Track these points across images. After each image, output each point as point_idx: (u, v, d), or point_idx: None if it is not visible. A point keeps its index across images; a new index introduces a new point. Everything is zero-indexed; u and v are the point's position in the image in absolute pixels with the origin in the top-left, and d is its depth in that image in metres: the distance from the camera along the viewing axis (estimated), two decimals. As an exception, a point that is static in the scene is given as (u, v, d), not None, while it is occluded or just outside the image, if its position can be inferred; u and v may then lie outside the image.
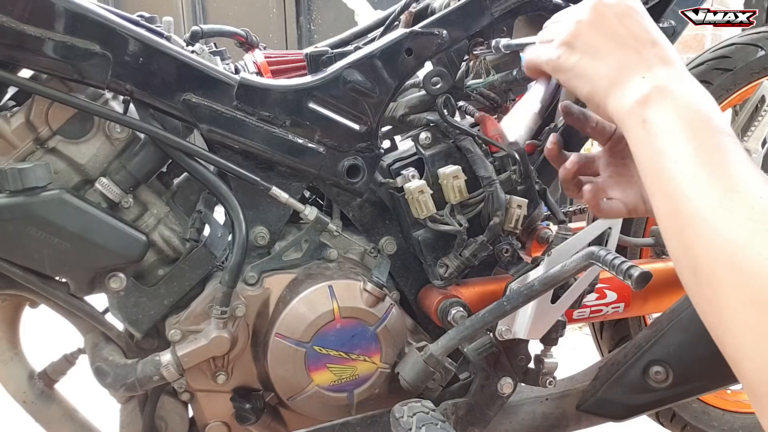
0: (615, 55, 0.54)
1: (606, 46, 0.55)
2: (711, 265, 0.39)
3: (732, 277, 0.38)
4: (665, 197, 0.45)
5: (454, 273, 0.88)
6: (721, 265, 0.39)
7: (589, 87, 0.56)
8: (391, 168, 0.92)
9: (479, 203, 0.89)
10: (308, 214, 0.87)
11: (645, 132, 0.48)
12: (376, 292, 0.85)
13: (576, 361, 1.19)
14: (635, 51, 0.53)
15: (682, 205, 0.43)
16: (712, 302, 0.40)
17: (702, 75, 1.17)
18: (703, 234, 0.41)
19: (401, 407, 0.77)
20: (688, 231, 0.42)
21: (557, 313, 0.85)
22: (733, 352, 0.39)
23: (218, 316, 0.81)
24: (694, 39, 2.71)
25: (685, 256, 0.42)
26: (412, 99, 0.94)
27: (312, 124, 0.84)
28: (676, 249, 0.43)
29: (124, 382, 0.82)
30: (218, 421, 0.91)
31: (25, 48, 0.73)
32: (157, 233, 0.86)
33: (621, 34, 0.55)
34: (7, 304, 0.91)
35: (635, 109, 0.50)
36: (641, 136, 0.48)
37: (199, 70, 0.80)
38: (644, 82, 0.51)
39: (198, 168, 0.83)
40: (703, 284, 0.40)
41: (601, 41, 0.55)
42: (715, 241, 0.39)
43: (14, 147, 0.78)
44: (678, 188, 0.43)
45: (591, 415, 1.00)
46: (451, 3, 0.88)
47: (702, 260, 0.40)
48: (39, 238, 0.75)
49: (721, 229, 0.39)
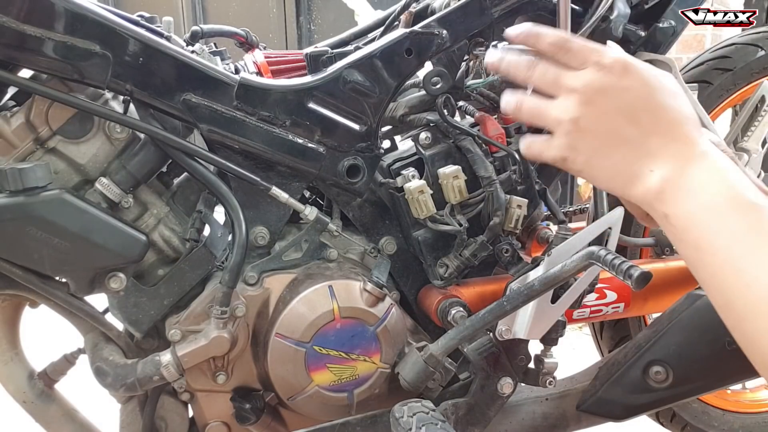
0: (619, 152, 0.50)
1: (608, 144, 0.51)
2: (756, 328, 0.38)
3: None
4: (715, 292, 0.42)
5: (454, 273, 0.88)
6: None
7: (605, 185, 0.54)
8: (391, 168, 0.92)
9: (479, 203, 0.89)
10: (308, 214, 0.87)
11: (672, 227, 0.46)
12: (376, 292, 0.85)
13: (576, 361, 1.18)
14: (638, 144, 0.49)
15: (735, 298, 0.40)
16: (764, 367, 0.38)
17: (702, 75, 1.17)
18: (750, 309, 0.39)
19: (401, 407, 0.77)
20: (749, 325, 0.40)
21: (557, 313, 0.85)
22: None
23: (218, 316, 0.81)
24: (694, 39, 2.71)
25: (754, 351, 0.40)
26: (412, 99, 0.94)
27: (312, 124, 0.84)
28: (741, 341, 0.41)
29: (124, 382, 0.82)
30: (218, 421, 0.91)
31: (25, 48, 0.73)
32: (157, 233, 0.86)
33: (619, 127, 0.50)
34: (7, 304, 0.91)
35: (655, 206, 0.48)
36: (670, 231, 0.46)
37: (199, 70, 0.80)
38: (654, 176, 0.48)
39: (198, 168, 0.83)
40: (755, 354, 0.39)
41: (602, 140, 0.51)
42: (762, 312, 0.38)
43: (14, 147, 0.78)
44: (724, 280, 0.41)
45: (591, 415, 1.00)
46: (451, 3, 0.88)
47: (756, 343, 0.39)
48: (39, 238, 0.75)
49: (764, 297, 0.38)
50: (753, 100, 1.10)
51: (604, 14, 0.82)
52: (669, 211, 0.46)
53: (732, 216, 0.42)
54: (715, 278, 0.42)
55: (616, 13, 0.83)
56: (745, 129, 1.11)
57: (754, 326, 0.39)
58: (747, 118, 1.11)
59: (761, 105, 1.10)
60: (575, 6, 0.90)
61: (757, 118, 1.10)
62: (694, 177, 0.45)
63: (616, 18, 0.83)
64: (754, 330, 0.38)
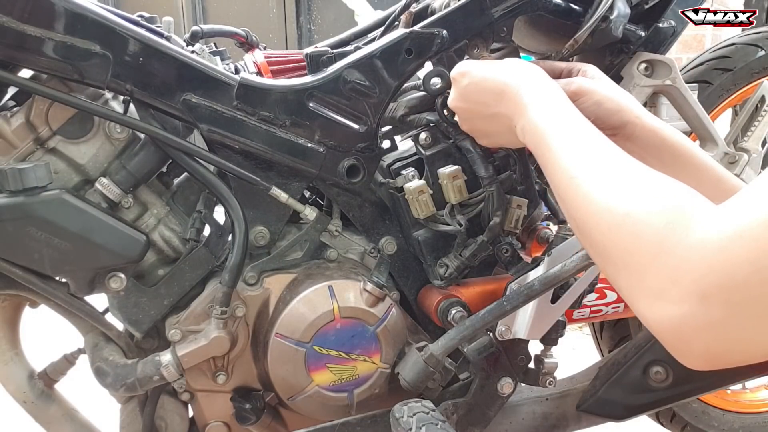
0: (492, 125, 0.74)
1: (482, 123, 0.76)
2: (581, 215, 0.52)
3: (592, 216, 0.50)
4: (557, 194, 0.58)
5: (454, 273, 0.88)
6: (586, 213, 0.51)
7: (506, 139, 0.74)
8: (391, 168, 0.92)
9: (479, 203, 0.89)
10: (308, 214, 0.87)
11: (525, 135, 0.64)
12: (376, 292, 0.85)
13: (576, 361, 1.19)
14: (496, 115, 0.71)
15: (563, 184, 0.56)
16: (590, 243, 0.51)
17: (702, 75, 1.17)
18: (572, 196, 0.53)
19: (401, 407, 0.77)
20: (565, 198, 0.55)
21: (557, 313, 0.85)
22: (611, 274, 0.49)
23: (218, 316, 0.81)
24: (694, 39, 2.71)
25: (569, 217, 0.55)
26: (412, 99, 0.94)
27: (312, 124, 0.84)
28: (566, 214, 0.56)
29: (124, 382, 0.82)
30: (218, 421, 0.91)
31: (25, 48, 0.73)
32: (157, 233, 0.86)
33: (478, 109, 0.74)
34: (7, 304, 0.91)
35: (515, 121, 0.67)
36: (527, 141, 0.65)
37: (199, 70, 0.80)
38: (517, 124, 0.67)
39: (198, 168, 0.83)
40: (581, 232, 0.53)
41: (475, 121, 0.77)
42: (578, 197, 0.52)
43: (14, 147, 0.78)
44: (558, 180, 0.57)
45: (591, 415, 1.00)
46: (451, 3, 0.88)
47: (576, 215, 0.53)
48: (39, 238, 0.75)
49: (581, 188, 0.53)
50: (753, 100, 1.10)
51: (604, 14, 0.82)
52: (527, 141, 0.64)
53: (558, 140, 0.58)
54: (554, 187, 0.58)
55: (616, 13, 0.83)
56: (745, 129, 1.11)
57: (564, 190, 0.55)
58: (747, 118, 1.11)
59: (761, 105, 1.10)
60: (575, 6, 0.90)
61: (757, 118, 1.10)
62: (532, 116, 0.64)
63: (616, 18, 0.83)
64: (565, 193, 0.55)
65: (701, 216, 0.43)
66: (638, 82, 0.89)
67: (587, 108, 0.74)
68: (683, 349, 0.44)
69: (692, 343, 0.43)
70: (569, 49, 0.85)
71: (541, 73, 0.68)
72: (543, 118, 0.62)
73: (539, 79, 0.68)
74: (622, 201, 0.48)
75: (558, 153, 0.58)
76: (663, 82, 0.89)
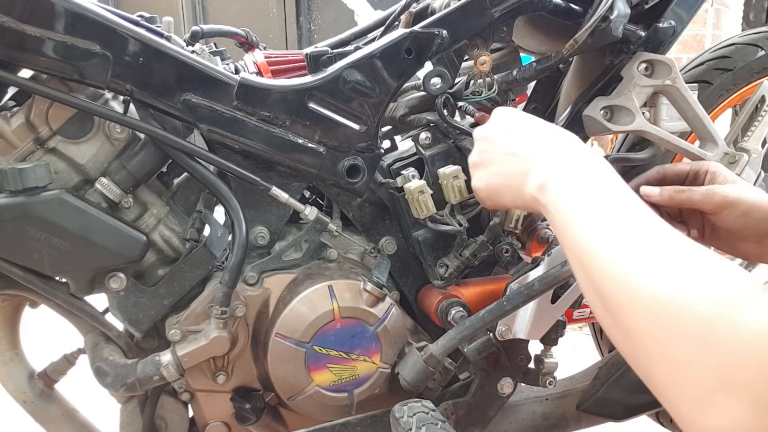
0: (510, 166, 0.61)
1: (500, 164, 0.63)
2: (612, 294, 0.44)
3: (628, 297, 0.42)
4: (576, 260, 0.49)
5: (454, 273, 0.88)
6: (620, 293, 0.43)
7: (509, 200, 0.63)
8: (391, 168, 0.92)
9: (479, 203, 0.89)
10: (308, 214, 0.87)
11: (550, 215, 0.54)
12: (376, 292, 0.85)
13: (576, 361, 1.19)
14: (524, 156, 0.59)
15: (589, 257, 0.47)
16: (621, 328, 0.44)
17: (702, 75, 1.17)
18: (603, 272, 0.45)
19: (401, 407, 0.77)
20: (593, 274, 0.46)
21: (557, 313, 0.85)
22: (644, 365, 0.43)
23: (218, 316, 0.81)
24: (694, 39, 2.71)
25: (595, 296, 0.46)
26: (412, 99, 0.94)
27: (312, 124, 0.84)
28: (588, 294, 0.48)
29: (124, 382, 0.82)
30: (218, 421, 0.91)
31: (25, 48, 0.73)
32: (157, 233, 0.86)
33: (507, 147, 0.62)
34: (7, 304, 0.91)
35: (540, 200, 0.55)
36: (550, 220, 0.54)
37: (199, 70, 0.80)
38: (537, 175, 0.56)
39: (198, 168, 0.83)
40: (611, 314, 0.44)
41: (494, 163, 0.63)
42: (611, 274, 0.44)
43: (14, 147, 0.78)
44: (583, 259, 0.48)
45: (591, 415, 1.00)
46: (451, 3, 0.88)
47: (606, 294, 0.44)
48: (39, 238, 0.75)
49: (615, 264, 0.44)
50: (753, 100, 1.10)
51: (604, 14, 0.82)
52: (547, 200, 0.54)
53: (593, 204, 0.49)
54: (576, 257, 0.49)
55: (616, 13, 0.83)
56: (745, 129, 1.11)
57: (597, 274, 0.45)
58: (747, 118, 1.11)
59: (761, 105, 1.10)
60: (575, 6, 0.90)
61: (757, 118, 1.09)
62: (567, 173, 0.54)
63: (616, 18, 0.83)
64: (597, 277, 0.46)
65: (758, 307, 0.36)
66: (638, 82, 0.89)
67: (734, 220, 0.69)
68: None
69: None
70: (569, 49, 0.85)
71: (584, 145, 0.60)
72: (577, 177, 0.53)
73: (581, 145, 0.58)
74: (667, 283, 0.40)
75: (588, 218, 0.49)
76: (663, 82, 0.89)
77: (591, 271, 0.46)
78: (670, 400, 0.40)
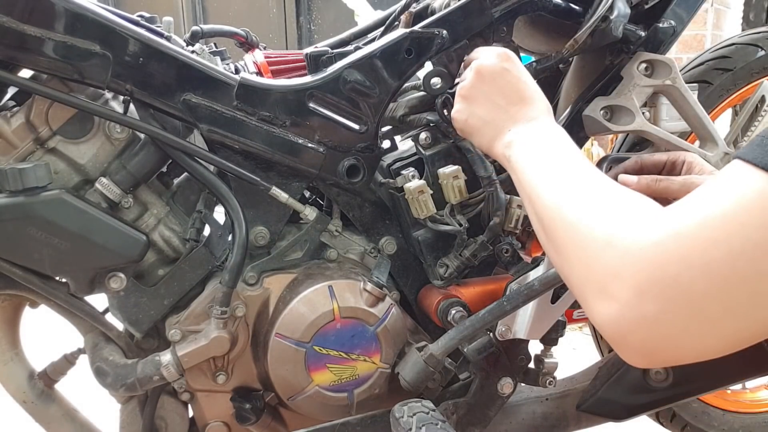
0: (491, 115, 0.71)
1: (483, 108, 0.72)
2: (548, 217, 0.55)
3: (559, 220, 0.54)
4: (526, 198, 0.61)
5: (454, 273, 0.88)
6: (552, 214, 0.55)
7: (478, 141, 0.73)
8: (391, 168, 0.92)
9: (479, 203, 0.89)
10: (308, 214, 0.87)
11: (511, 166, 0.65)
12: (376, 292, 0.85)
13: (576, 361, 1.19)
14: (505, 111, 0.70)
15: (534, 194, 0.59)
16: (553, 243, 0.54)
17: (702, 75, 1.17)
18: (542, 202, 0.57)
19: (401, 407, 0.77)
20: (536, 205, 0.58)
21: (557, 313, 0.85)
22: (566, 271, 0.52)
23: (218, 316, 0.81)
24: (694, 39, 2.71)
25: (537, 223, 0.58)
26: (412, 99, 0.94)
27: (312, 124, 0.84)
28: (534, 223, 0.59)
29: (124, 382, 0.82)
30: (218, 421, 0.91)
31: (25, 48, 0.73)
32: (157, 233, 0.86)
33: (494, 95, 0.71)
34: (7, 304, 0.91)
35: (505, 153, 0.67)
36: (511, 171, 0.65)
37: (199, 70, 0.80)
38: (510, 134, 0.68)
39: (198, 168, 0.83)
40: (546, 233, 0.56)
41: (479, 105, 0.72)
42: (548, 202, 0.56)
43: (14, 147, 0.78)
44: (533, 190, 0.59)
45: (591, 415, 1.00)
46: (451, 3, 0.88)
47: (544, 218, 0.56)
48: (39, 238, 0.75)
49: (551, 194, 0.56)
50: (753, 100, 1.10)
51: (604, 14, 0.82)
52: (510, 153, 0.66)
53: (543, 158, 0.61)
54: (527, 197, 0.60)
55: (616, 13, 0.83)
56: (745, 129, 1.11)
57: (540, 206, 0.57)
58: (747, 118, 1.11)
59: (761, 105, 1.10)
60: (575, 6, 0.90)
61: (757, 118, 1.10)
62: (529, 136, 0.66)
63: (616, 18, 0.83)
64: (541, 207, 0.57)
65: (649, 216, 0.46)
66: (638, 82, 0.89)
67: None
68: (620, 344, 0.45)
69: (628, 337, 0.44)
70: (569, 49, 0.85)
71: None
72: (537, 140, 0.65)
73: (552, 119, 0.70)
74: (585, 201, 0.52)
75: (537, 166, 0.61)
76: (663, 82, 0.89)
77: (535, 204, 0.58)
78: (581, 294, 0.49)
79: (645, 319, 0.43)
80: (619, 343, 0.45)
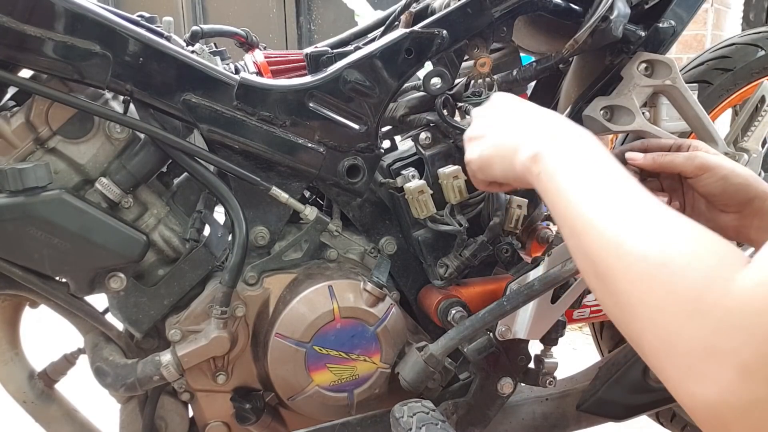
0: (502, 137, 0.63)
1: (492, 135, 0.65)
2: (605, 260, 0.44)
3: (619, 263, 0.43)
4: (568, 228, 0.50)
5: (454, 273, 0.88)
6: (612, 258, 0.43)
7: (500, 170, 0.63)
8: (391, 168, 0.92)
9: (479, 203, 0.89)
10: (308, 214, 0.87)
11: (541, 183, 0.54)
12: (376, 292, 0.85)
13: (576, 361, 1.19)
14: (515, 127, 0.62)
15: (581, 224, 0.47)
16: (612, 294, 0.44)
17: (702, 75, 1.17)
18: (595, 238, 0.45)
19: (401, 407, 0.77)
20: (585, 240, 0.46)
21: (557, 313, 0.85)
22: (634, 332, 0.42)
23: (218, 316, 0.81)
24: (694, 39, 2.71)
25: (586, 262, 0.47)
26: (412, 99, 0.94)
27: (312, 124, 0.84)
28: (580, 261, 0.48)
29: (124, 382, 0.82)
30: (218, 421, 0.91)
31: (25, 48, 0.73)
32: (157, 233, 0.86)
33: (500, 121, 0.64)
34: (7, 304, 0.91)
35: (532, 169, 0.56)
36: (541, 189, 0.55)
37: (199, 70, 0.80)
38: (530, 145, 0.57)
39: (198, 168, 0.83)
40: (602, 280, 0.45)
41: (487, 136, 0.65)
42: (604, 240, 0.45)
43: (14, 147, 0.78)
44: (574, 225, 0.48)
45: (591, 415, 1.00)
46: (451, 3, 0.88)
47: (598, 260, 0.45)
48: (39, 238, 0.75)
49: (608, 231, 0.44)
50: (753, 100, 1.10)
51: (604, 14, 0.82)
52: (540, 169, 0.54)
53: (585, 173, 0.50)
54: (568, 225, 0.49)
55: (616, 13, 0.83)
56: (745, 129, 1.11)
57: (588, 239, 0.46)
58: (747, 118, 1.11)
59: (761, 105, 1.10)
60: (575, 6, 0.90)
61: (757, 118, 1.10)
62: (559, 144, 0.55)
63: (616, 18, 0.83)
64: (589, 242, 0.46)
65: (744, 275, 0.37)
66: (638, 82, 0.89)
67: (713, 183, 0.70)
68: None
69: (732, 426, 0.36)
70: (569, 49, 0.85)
71: None
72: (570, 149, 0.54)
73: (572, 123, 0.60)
74: (658, 249, 0.41)
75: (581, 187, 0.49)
76: (663, 82, 0.89)
77: (582, 237, 0.46)
78: (660, 366, 0.40)
79: (755, 405, 0.34)
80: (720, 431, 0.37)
